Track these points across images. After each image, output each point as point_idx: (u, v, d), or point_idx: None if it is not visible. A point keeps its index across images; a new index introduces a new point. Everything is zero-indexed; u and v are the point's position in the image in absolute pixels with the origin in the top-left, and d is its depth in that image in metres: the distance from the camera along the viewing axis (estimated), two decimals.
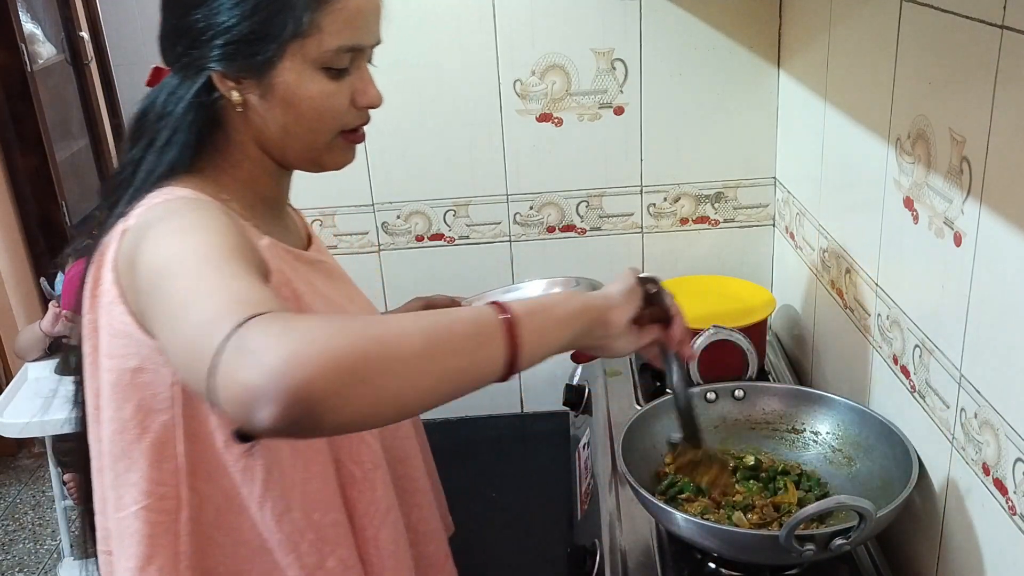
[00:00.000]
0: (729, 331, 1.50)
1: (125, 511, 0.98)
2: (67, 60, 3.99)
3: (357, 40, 0.97)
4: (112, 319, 0.94)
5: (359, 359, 0.68)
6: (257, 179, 1.03)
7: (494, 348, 0.79)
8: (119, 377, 0.95)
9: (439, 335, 0.75)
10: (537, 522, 1.72)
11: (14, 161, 3.46)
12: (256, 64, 0.95)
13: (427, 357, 0.73)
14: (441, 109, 1.84)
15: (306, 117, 0.98)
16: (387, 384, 0.70)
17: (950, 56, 1.06)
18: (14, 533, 2.96)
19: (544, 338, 0.84)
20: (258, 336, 0.67)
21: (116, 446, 0.97)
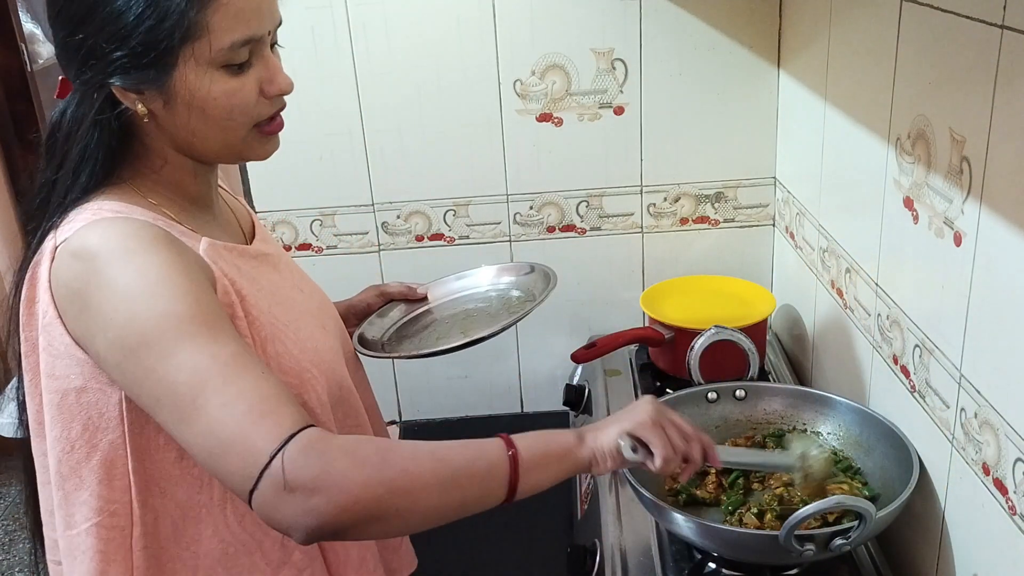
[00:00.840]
0: (730, 331, 1.50)
1: (76, 528, 0.97)
2: None
3: (250, 32, 0.93)
4: (52, 339, 0.93)
5: (384, 507, 0.83)
6: (181, 180, 1.02)
7: (497, 489, 0.91)
8: (63, 398, 0.94)
9: (456, 485, 0.88)
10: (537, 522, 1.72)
11: (14, 161, 3.46)
12: (152, 74, 0.92)
13: (440, 501, 0.87)
14: (441, 109, 1.84)
15: (214, 118, 0.95)
16: (403, 522, 0.87)
17: (950, 56, 1.06)
18: (14, 533, 2.96)
19: (534, 485, 0.94)
20: (297, 471, 0.80)
21: (64, 465, 0.96)
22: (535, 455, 0.93)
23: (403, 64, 1.80)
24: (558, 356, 1.89)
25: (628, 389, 1.69)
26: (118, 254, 0.89)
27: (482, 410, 2.02)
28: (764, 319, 1.66)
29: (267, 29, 0.96)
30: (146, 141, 0.98)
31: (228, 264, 0.99)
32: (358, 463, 0.83)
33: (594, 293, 1.96)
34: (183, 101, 0.93)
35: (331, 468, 0.81)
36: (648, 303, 1.73)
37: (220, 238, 1.03)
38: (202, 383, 0.84)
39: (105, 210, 0.93)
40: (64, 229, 0.92)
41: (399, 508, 0.84)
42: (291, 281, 1.12)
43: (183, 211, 1.01)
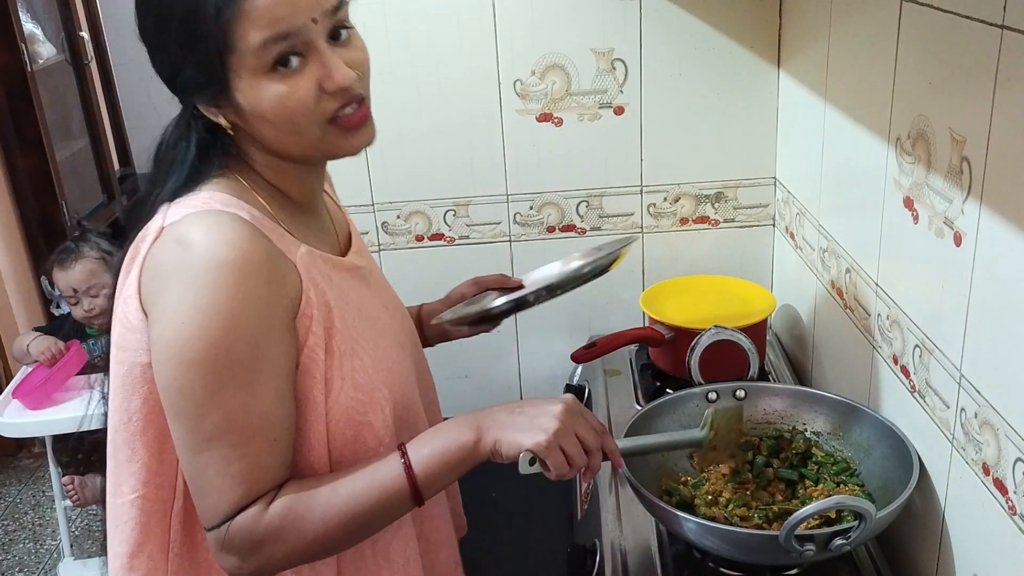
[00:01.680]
0: (731, 331, 1.50)
1: (123, 498, 1.01)
2: (67, 60, 3.99)
3: (281, 26, 0.90)
4: (128, 312, 0.97)
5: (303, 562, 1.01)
6: (281, 182, 1.03)
7: (402, 511, 1.02)
8: (130, 370, 0.98)
9: (364, 525, 0.99)
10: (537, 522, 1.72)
11: (14, 161, 3.46)
12: (214, 91, 0.94)
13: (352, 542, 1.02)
14: (441, 109, 1.84)
15: (281, 122, 0.95)
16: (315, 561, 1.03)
17: (950, 56, 1.06)
18: (14, 533, 2.96)
19: (436, 490, 1.02)
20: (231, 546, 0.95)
21: (120, 435, 1.00)
22: (434, 468, 0.98)
23: (403, 64, 1.80)
24: (558, 356, 1.89)
25: (628, 389, 1.69)
26: (213, 263, 0.91)
27: None
28: (764, 319, 1.66)
29: (308, 17, 0.92)
30: (242, 146, 1.01)
31: (321, 275, 1.01)
32: (279, 542, 0.95)
33: (594, 293, 1.95)
34: (248, 112, 0.95)
35: (260, 548, 0.95)
36: (648, 303, 1.73)
37: (318, 246, 1.04)
38: (224, 432, 0.93)
39: (215, 201, 0.96)
40: (173, 212, 0.96)
41: (314, 557, 1.01)
42: (379, 298, 1.13)
43: (284, 210, 1.03)
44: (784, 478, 1.30)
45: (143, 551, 1.01)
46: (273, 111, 0.94)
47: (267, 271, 0.94)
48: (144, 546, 1.01)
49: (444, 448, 0.98)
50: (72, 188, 3.78)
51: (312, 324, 0.97)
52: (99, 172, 4.20)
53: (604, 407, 1.64)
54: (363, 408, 1.02)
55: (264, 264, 0.94)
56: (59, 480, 2.51)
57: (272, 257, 0.95)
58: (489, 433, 0.99)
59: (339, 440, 1.01)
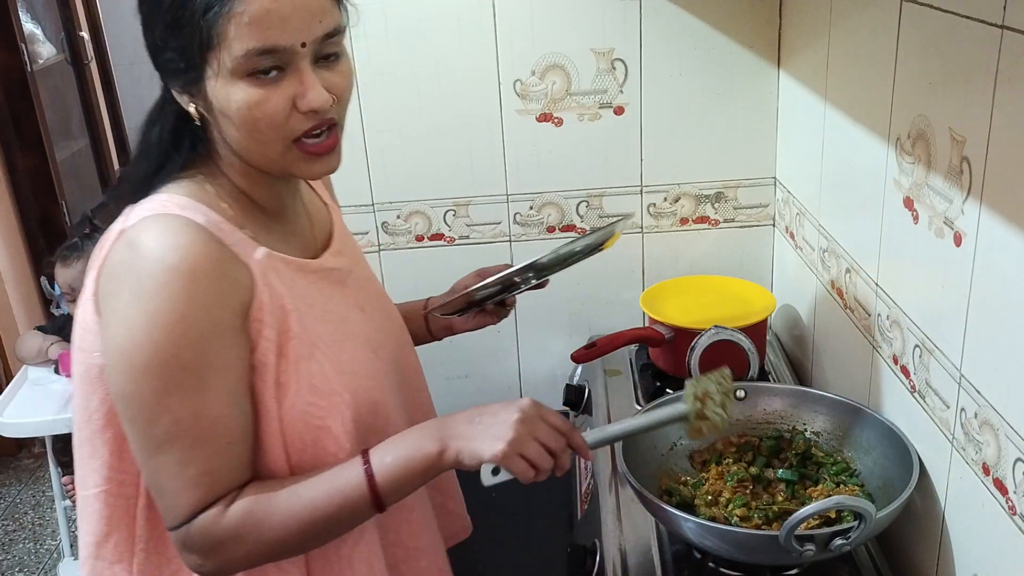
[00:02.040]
0: (731, 331, 1.50)
1: (88, 491, 1.04)
2: (67, 60, 3.99)
3: (268, 41, 0.91)
4: (85, 313, 0.98)
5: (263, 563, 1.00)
6: (245, 186, 1.03)
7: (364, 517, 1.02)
8: (87, 370, 0.99)
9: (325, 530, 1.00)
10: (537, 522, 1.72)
11: (14, 161, 3.46)
12: (189, 79, 0.95)
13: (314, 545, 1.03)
14: (441, 109, 1.83)
15: (244, 127, 0.94)
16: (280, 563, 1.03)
17: (950, 56, 1.06)
18: (14, 533, 2.96)
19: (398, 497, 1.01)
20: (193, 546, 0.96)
21: (82, 432, 1.02)
22: (396, 476, 0.98)
23: (403, 64, 1.80)
24: (558, 356, 1.89)
25: (628, 389, 1.69)
26: (160, 268, 0.92)
27: None
28: (764, 319, 1.66)
29: (297, 40, 0.92)
30: (210, 144, 1.02)
31: (280, 277, 1.00)
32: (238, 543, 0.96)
33: (594, 293, 1.96)
34: (217, 108, 0.95)
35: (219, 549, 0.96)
36: (648, 303, 1.73)
37: (284, 249, 1.03)
38: (174, 437, 0.93)
39: (172, 204, 0.96)
40: (134, 214, 0.96)
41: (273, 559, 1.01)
42: (352, 299, 1.11)
43: (248, 213, 1.02)
44: (784, 479, 1.30)
45: (108, 541, 1.04)
46: (240, 115, 0.93)
47: (216, 275, 0.94)
48: (109, 537, 1.04)
49: (407, 457, 0.98)
50: (72, 188, 3.78)
51: (264, 328, 0.97)
52: (99, 172, 4.20)
53: (604, 407, 1.64)
54: (321, 413, 1.01)
55: (213, 269, 0.94)
56: (59, 480, 2.51)
57: (222, 261, 0.95)
58: (452, 443, 0.98)
59: (297, 444, 1.01)
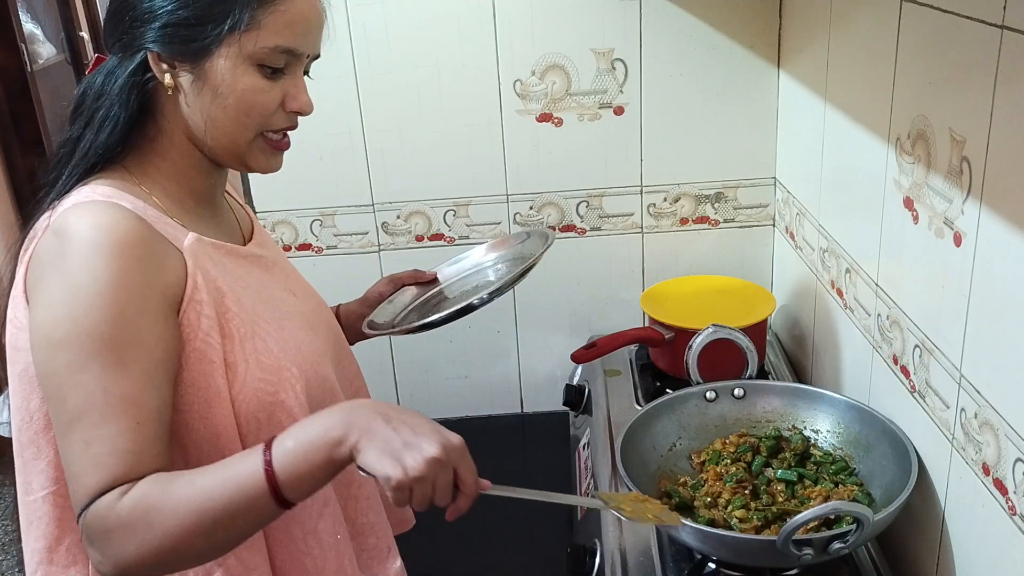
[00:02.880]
0: (729, 330, 1.50)
1: (34, 495, 1.01)
2: (67, 60, 3.99)
3: (295, 44, 0.99)
4: (16, 312, 0.98)
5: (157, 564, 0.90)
6: (185, 172, 1.04)
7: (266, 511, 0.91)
8: (25, 369, 0.98)
9: (221, 527, 0.89)
10: (537, 522, 1.72)
11: (14, 161, 3.46)
12: (192, 50, 0.97)
13: (209, 545, 0.91)
14: (441, 109, 1.84)
15: (232, 109, 0.99)
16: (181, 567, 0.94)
17: (950, 56, 1.06)
18: (14, 533, 2.96)
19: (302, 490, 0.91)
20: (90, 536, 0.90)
21: (24, 434, 1.00)
22: (297, 465, 0.89)
23: (403, 64, 1.80)
24: (558, 356, 1.89)
25: (628, 389, 1.69)
26: (85, 246, 0.92)
27: (482, 410, 2.02)
28: (764, 319, 1.66)
29: (308, 51, 1.02)
30: (161, 122, 1.02)
31: (212, 261, 1.01)
32: (129, 533, 0.88)
33: (594, 293, 1.96)
34: (211, 83, 0.98)
35: (110, 539, 0.89)
36: (648, 303, 1.73)
37: (214, 236, 1.05)
38: (82, 413, 0.90)
39: (97, 194, 0.96)
40: (59, 208, 0.96)
41: (170, 560, 0.91)
42: (283, 283, 1.14)
43: (178, 204, 1.03)
44: (783, 479, 1.30)
45: (61, 545, 1.02)
46: (238, 96, 0.98)
47: (142, 253, 0.93)
48: (62, 540, 1.01)
49: (309, 442, 0.89)
50: None
51: (203, 307, 0.97)
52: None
53: (604, 407, 1.64)
54: (272, 388, 1.01)
55: (138, 247, 0.93)
56: None
57: (148, 241, 0.95)
58: (354, 435, 0.89)
59: (252, 424, 1.00)
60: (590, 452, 1.58)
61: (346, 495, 1.16)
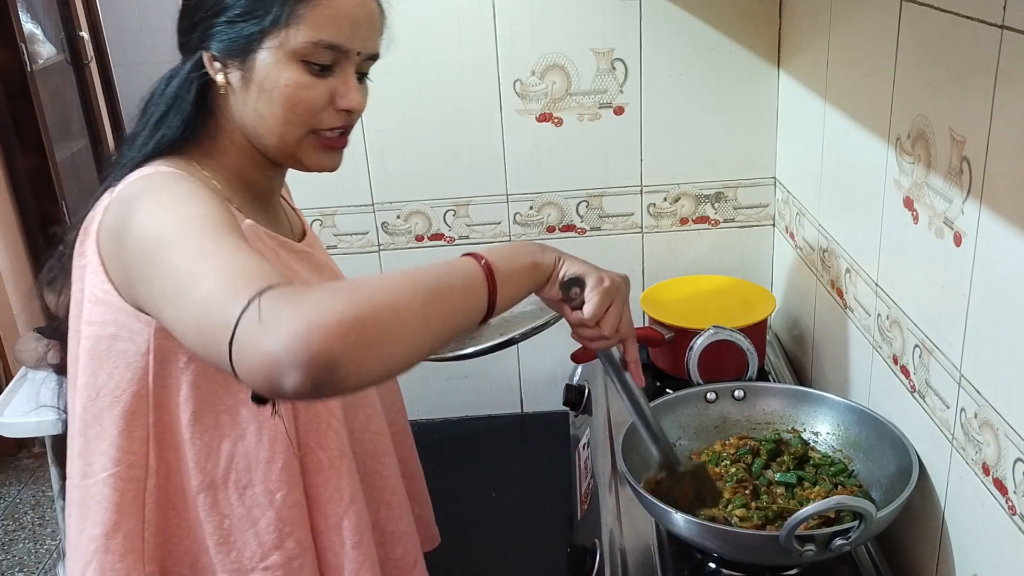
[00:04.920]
0: (729, 331, 1.50)
1: (94, 478, 1.00)
2: (67, 60, 3.98)
3: (338, 39, 0.99)
4: (93, 287, 0.97)
5: (371, 325, 0.75)
6: (244, 168, 1.05)
7: (478, 296, 0.89)
8: (95, 344, 0.98)
9: (437, 296, 0.84)
10: (537, 522, 1.72)
11: (14, 161, 3.46)
12: (240, 46, 0.98)
13: (427, 316, 0.82)
14: (441, 109, 1.84)
15: (278, 105, 0.99)
16: (395, 343, 0.78)
17: (950, 56, 1.06)
18: (14, 533, 2.96)
19: (510, 294, 0.93)
20: (274, 308, 0.73)
21: (88, 412, 1.00)
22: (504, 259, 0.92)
23: (403, 64, 1.80)
24: (558, 356, 1.89)
25: None
26: (156, 185, 0.93)
27: (482, 410, 2.02)
28: (764, 319, 1.66)
29: (356, 48, 1.01)
30: (220, 120, 1.04)
31: (265, 247, 1.03)
32: (333, 292, 0.77)
33: None
34: (257, 80, 0.99)
35: (309, 297, 0.75)
36: (648, 303, 1.73)
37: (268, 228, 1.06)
38: (201, 263, 0.82)
39: (160, 169, 0.98)
40: (120, 186, 0.97)
41: (386, 324, 0.77)
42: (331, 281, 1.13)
43: (237, 195, 1.04)
44: (782, 482, 1.30)
45: (119, 531, 1.00)
46: (283, 93, 0.99)
47: (220, 199, 0.94)
48: (120, 526, 1.00)
49: (510, 249, 0.95)
50: (72, 188, 3.77)
51: None
52: (99, 172, 4.18)
53: (604, 407, 1.64)
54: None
55: (215, 192, 0.95)
56: (59, 480, 2.51)
57: (223, 200, 0.96)
58: (554, 254, 0.99)
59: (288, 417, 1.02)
60: (590, 452, 1.58)
61: (379, 500, 1.16)
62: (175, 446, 1.01)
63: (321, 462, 1.06)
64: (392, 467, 1.19)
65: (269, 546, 1.03)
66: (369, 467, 1.16)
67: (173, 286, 0.83)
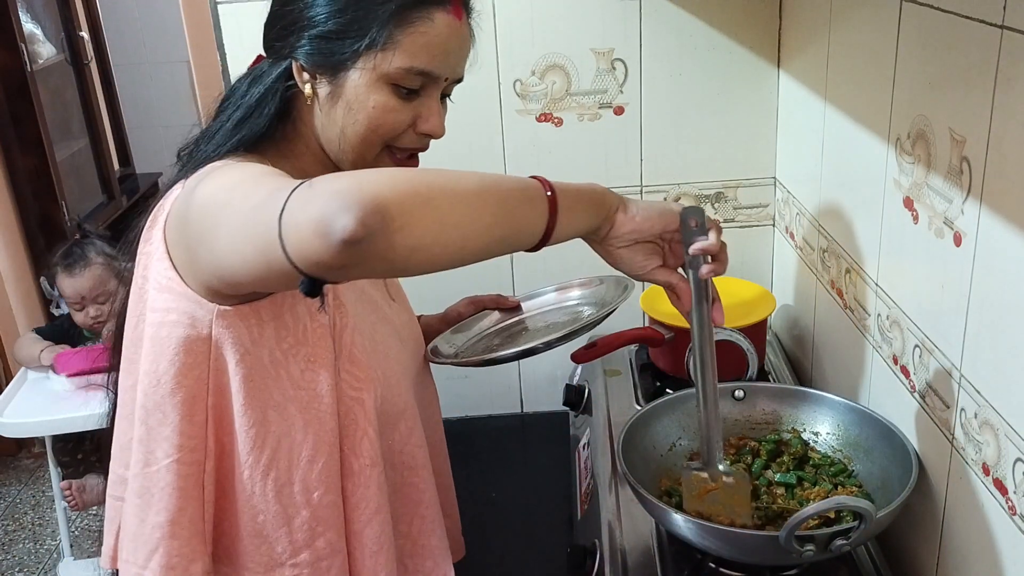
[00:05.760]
0: (729, 331, 1.49)
1: (156, 465, 1.01)
2: (67, 60, 3.99)
3: (429, 66, 1.00)
4: (158, 273, 0.98)
5: (424, 185, 0.79)
6: (314, 175, 1.05)
7: (538, 211, 0.90)
8: (158, 330, 0.99)
9: (494, 183, 0.87)
10: (537, 522, 1.72)
11: (14, 161, 3.46)
12: (332, 62, 0.99)
13: (483, 197, 0.84)
14: None
15: (362, 125, 1.00)
16: (450, 210, 0.80)
17: (950, 56, 1.06)
18: (14, 533, 2.96)
19: (571, 217, 0.93)
20: (325, 181, 0.76)
21: (150, 399, 1.00)
22: (565, 187, 0.93)
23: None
24: (558, 356, 1.88)
25: (628, 389, 1.69)
26: (222, 170, 0.93)
27: (482, 410, 2.01)
28: (764, 319, 1.66)
29: (445, 75, 1.02)
30: (299, 127, 1.05)
31: None
32: (393, 173, 0.80)
33: None
34: (345, 97, 1.00)
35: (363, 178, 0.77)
36: (648, 303, 1.73)
37: None
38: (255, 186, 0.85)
39: (230, 162, 0.98)
40: (191, 178, 0.97)
41: (441, 189, 0.80)
42: (383, 291, 1.18)
43: None
44: (782, 482, 1.30)
45: (184, 515, 1.01)
46: (369, 114, 1.00)
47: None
48: (185, 510, 1.01)
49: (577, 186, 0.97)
50: (72, 188, 3.78)
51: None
52: (99, 172, 4.20)
53: (604, 407, 1.64)
54: (357, 383, 1.04)
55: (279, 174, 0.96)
56: (59, 480, 2.51)
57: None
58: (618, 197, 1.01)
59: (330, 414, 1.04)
60: (590, 452, 1.58)
61: (413, 513, 1.17)
62: (230, 429, 1.02)
63: (352, 468, 1.06)
64: (428, 481, 1.19)
65: (300, 544, 1.05)
66: (406, 479, 1.16)
67: (228, 215, 0.84)
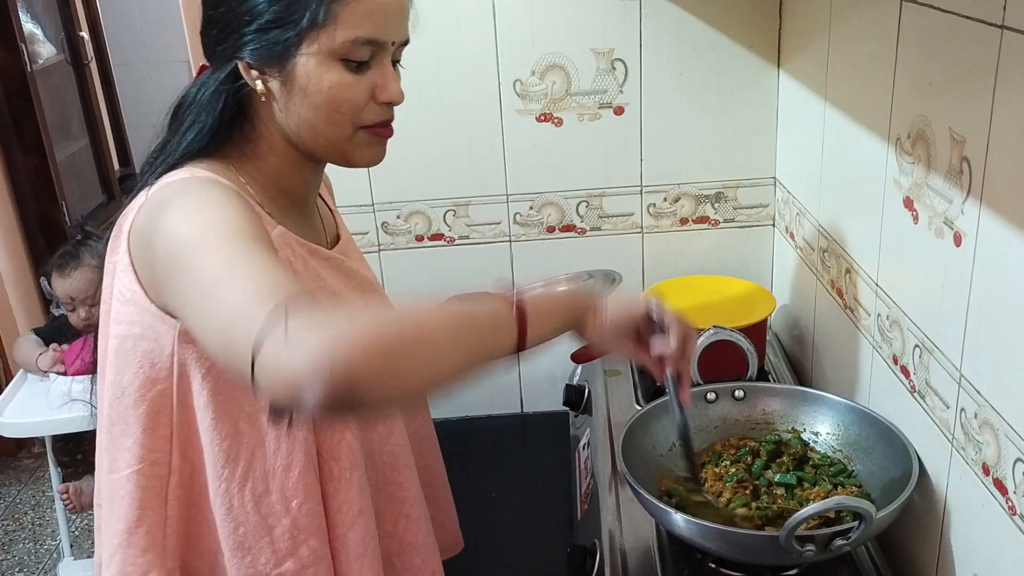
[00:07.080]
0: (729, 331, 1.49)
1: (118, 473, 1.01)
2: (67, 60, 3.98)
3: (374, 34, 0.98)
4: (122, 286, 0.98)
5: (396, 349, 0.75)
6: (282, 172, 1.05)
7: (505, 332, 0.88)
8: (122, 343, 0.98)
9: (463, 329, 0.84)
10: (537, 522, 1.72)
11: (14, 161, 3.46)
12: (276, 53, 0.98)
13: (452, 347, 0.81)
14: (441, 109, 1.83)
15: (323, 108, 0.99)
16: (418, 370, 0.78)
17: (950, 56, 1.06)
18: (14, 533, 2.96)
19: (542, 330, 0.93)
20: (300, 325, 0.73)
21: (114, 410, 1.01)
22: (537, 300, 0.92)
23: (403, 64, 1.80)
24: (558, 356, 1.88)
25: (628, 389, 1.69)
26: (188, 189, 0.93)
27: (482, 410, 2.01)
28: (764, 319, 1.65)
29: (391, 39, 1.01)
30: (258, 126, 1.03)
31: (295, 256, 1.03)
32: (361, 314, 0.82)
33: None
34: (298, 85, 0.98)
35: (337, 316, 0.76)
36: None
37: (301, 236, 1.06)
38: (229, 272, 0.82)
39: (196, 173, 0.98)
40: (155, 187, 0.97)
41: (412, 350, 0.77)
42: (358, 292, 1.14)
43: (273, 201, 1.04)
44: (782, 483, 1.30)
45: (141, 527, 1.01)
46: (325, 95, 0.98)
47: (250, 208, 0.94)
48: (142, 521, 1.01)
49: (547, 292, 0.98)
50: (72, 188, 3.77)
51: None
52: (99, 172, 4.20)
53: (604, 407, 1.64)
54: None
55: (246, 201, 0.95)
56: (59, 480, 2.51)
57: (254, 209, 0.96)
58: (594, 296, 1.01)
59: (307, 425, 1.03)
60: (590, 452, 1.57)
61: (398, 512, 1.16)
62: (198, 446, 1.02)
63: (332, 472, 1.06)
64: (412, 479, 1.19)
65: (283, 553, 1.04)
66: (388, 478, 1.16)
67: (198, 293, 0.84)
